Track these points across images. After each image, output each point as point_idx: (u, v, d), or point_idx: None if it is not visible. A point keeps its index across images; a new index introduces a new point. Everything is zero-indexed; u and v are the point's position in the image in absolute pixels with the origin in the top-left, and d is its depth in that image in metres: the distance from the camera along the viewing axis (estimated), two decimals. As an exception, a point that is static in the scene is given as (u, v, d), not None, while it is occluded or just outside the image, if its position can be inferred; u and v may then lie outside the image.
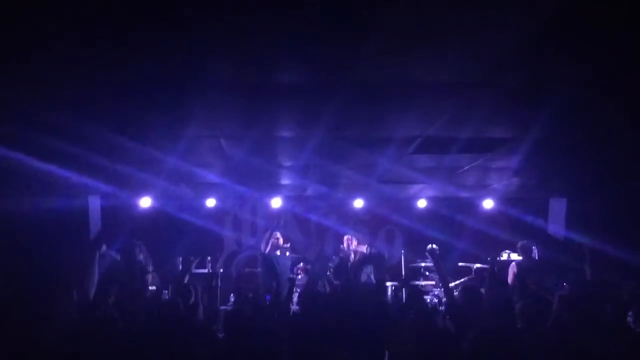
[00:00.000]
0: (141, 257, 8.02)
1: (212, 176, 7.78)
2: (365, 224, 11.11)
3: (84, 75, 3.90)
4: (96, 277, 6.04)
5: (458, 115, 4.82)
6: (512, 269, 8.18)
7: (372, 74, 3.90)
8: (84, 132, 5.13)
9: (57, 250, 7.65)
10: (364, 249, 8.74)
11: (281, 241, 9.04)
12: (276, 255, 8.86)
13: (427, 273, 9.96)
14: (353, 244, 8.68)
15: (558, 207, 9.46)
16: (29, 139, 5.28)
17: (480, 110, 4.79)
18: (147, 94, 4.32)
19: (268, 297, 8.52)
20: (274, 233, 8.99)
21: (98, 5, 2.91)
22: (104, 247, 7.07)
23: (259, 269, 9.07)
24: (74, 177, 7.04)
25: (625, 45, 3.43)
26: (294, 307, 7.09)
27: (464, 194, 9.67)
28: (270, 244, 8.81)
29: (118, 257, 7.71)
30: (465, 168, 7.17)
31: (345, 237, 8.72)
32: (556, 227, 9.44)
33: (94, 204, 9.05)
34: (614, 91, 4.32)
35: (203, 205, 10.24)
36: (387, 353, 4.49)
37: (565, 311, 5.17)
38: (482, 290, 8.27)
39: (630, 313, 5.36)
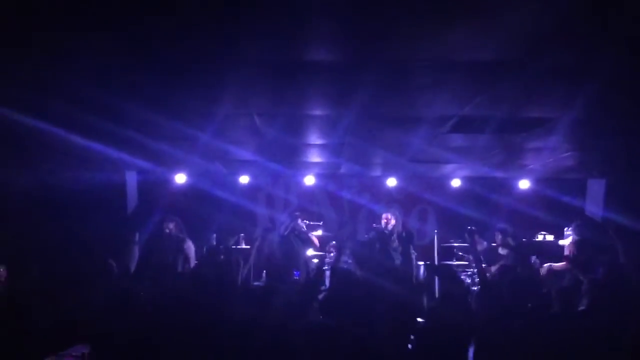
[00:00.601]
0: (174, 231, 8.17)
1: (245, 153, 7.83)
2: (399, 202, 11.06)
3: (122, 53, 3.94)
4: (136, 252, 6.19)
5: (495, 94, 4.72)
6: (569, 248, 7.95)
7: (406, 52, 3.85)
8: (121, 109, 5.21)
9: (96, 224, 7.85)
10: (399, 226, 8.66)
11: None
12: (295, 238, 8.94)
13: (460, 253, 9.90)
14: (391, 223, 8.62)
15: (597, 188, 9.24)
16: (69, 115, 5.40)
17: (517, 90, 4.69)
18: (182, 72, 4.36)
19: (297, 274, 8.62)
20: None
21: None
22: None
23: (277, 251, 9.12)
24: (111, 152, 7.19)
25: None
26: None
27: (499, 174, 9.53)
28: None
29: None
30: (502, 148, 7.05)
31: (384, 215, 8.67)
32: (594, 208, 9.24)
33: (131, 179, 9.23)
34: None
35: (236, 182, 10.34)
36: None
37: (596, 295, 5.08)
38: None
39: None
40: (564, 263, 7.80)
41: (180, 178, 9.69)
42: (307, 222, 9.79)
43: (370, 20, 3.34)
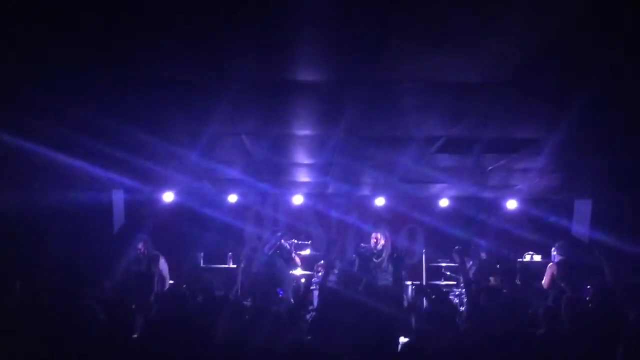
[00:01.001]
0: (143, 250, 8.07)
1: (233, 172, 7.81)
2: (387, 222, 11.05)
3: (109, 72, 3.93)
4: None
5: (482, 115, 4.76)
6: (550, 269, 8.00)
7: (395, 73, 3.87)
8: (108, 128, 5.18)
9: (81, 243, 7.77)
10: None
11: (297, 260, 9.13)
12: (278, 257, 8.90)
13: (448, 273, 9.90)
14: (380, 243, 8.59)
15: (583, 208, 9.31)
16: (54, 134, 5.36)
17: (505, 111, 4.72)
18: (170, 92, 4.35)
19: (281, 293, 8.55)
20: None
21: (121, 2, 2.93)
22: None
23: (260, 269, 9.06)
24: (98, 171, 7.14)
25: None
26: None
27: (487, 194, 9.58)
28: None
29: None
30: (490, 169, 7.09)
31: (373, 235, 8.65)
32: (581, 228, 9.29)
33: (118, 198, 9.17)
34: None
35: (225, 200, 10.30)
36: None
37: (573, 314, 5.09)
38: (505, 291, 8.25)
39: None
40: (547, 282, 7.87)
41: (168, 197, 9.64)
42: (295, 241, 9.76)
43: (358, 42, 3.36)
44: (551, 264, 8.08)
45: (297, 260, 9.27)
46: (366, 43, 3.38)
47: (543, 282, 7.96)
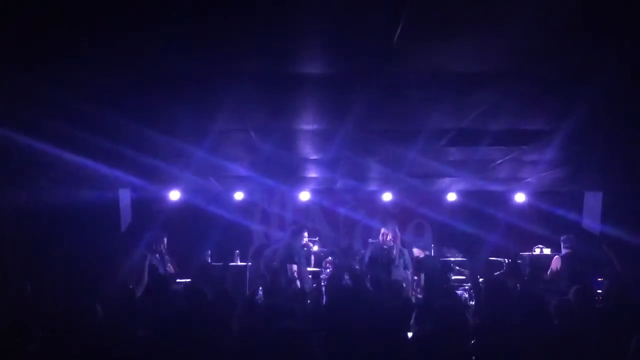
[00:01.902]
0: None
1: (240, 169, 7.79)
2: (395, 217, 11.02)
3: (117, 69, 3.90)
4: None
5: (492, 107, 4.70)
6: (555, 263, 8.00)
7: (403, 65, 3.82)
8: (114, 125, 5.17)
9: (88, 241, 7.77)
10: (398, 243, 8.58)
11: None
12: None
13: (457, 267, 9.86)
14: (388, 238, 8.56)
15: (594, 201, 9.23)
16: (61, 132, 5.35)
17: (514, 102, 4.66)
18: (176, 88, 4.32)
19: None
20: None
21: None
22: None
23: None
24: (105, 169, 7.13)
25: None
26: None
27: (495, 188, 9.52)
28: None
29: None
30: (499, 161, 7.03)
31: (382, 231, 8.61)
32: (591, 221, 9.22)
33: (125, 196, 9.17)
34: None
35: (231, 198, 10.29)
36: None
37: (583, 306, 5.08)
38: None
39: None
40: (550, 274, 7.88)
41: (175, 195, 9.63)
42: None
43: (365, 34, 3.31)
44: (557, 256, 8.08)
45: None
46: (373, 34, 3.34)
47: (547, 273, 8.00)
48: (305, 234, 8.99)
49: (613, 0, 2.92)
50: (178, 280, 8.01)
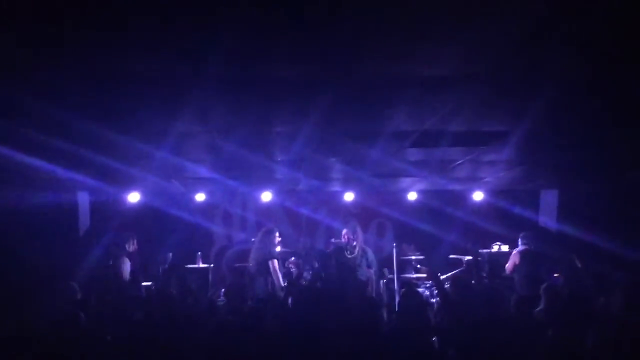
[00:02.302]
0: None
1: (202, 170, 7.71)
2: (356, 217, 11.08)
3: (73, 69, 3.81)
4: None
5: (450, 109, 4.79)
6: (513, 258, 8.21)
7: (365, 68, 3.86)
8: (72, 126, 5.03)
9: (46, 246, 7.56)
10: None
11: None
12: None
13: (418, 266, 9.98)
14: (351, 239, 8.60)
15: (549, 199, 9.49)
16: (16, 133, 5.19)
17: (471, 104, 4.76)
18: (136, 89, 4.25)
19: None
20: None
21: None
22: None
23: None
24: (62, 172, 6.94)
25: (618, 40, 3.42)
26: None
27: (454, 187, 9.69)
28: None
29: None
30: (458, 162, 7.16)
31: (344, 232, 8.66)
32: (547, 219, 9.48)
33: (83, 199, 8.97)
34: (605, 86, 4.32)
35: (192, 199, 10.17)
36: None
37: (552, 302, 5.23)
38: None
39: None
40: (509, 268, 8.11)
41: (134, 197, 9.46)
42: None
43: (331, 37, 3.33)
44: (515, 251, 8.30)
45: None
46: (338, 38, 3.36)
47: (506, 267, 8.21)
48: (277, 233, 8.94)
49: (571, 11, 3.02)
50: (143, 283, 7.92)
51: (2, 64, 3.73)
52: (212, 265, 9.73)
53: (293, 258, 9.50)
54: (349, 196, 10.37)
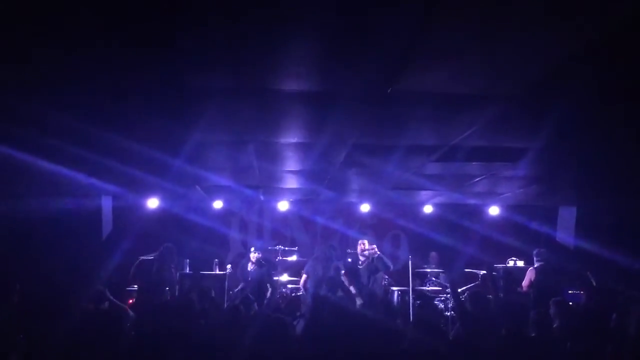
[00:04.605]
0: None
1: (220, 179, 7.80)
2: (372, 228, 11.14)
3: (100, 80, 3.87)
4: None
5: (479, 127, 4.83)
6: (529, 274, 8.20)
7: (388, 85, 3.90)
8: (94, 135, 5.11)
9: (71, 250, 7.69)
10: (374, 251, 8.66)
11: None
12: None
13: (433, 279, 10.00)
14: (366, 249, 8.67)
15: (568, 215, 9.47)
16: (42, 142, 5.30)
17: (493, 122, 4.80)
18: (159, 100, 4.31)
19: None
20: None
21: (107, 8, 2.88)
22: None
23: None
24: (86, 179, 7.07)
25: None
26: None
27: (471, 201, 9.69)
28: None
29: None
30: (478, 178, 7.19)
31: (360, 242, 8.74)
32: (565, 235, 9.45)
33: (107, 204, 9.10)
34: (624, 102, 4.34)
35: (210, 206, 10.27)
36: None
37: (563, 317, 5.24)
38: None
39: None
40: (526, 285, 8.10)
41: (153, 203, 9.57)
42: (281, 247, 9.83)
43: (351, 52, 3.36)
44: (531, 268, 8.30)
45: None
46: (361, 54, 3.40)
47: (523, 284, 8.20)
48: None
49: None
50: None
51: (27, 79, 3.83)
52: (228, 272, 9.82)
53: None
54: (365, 207, 10.43)
